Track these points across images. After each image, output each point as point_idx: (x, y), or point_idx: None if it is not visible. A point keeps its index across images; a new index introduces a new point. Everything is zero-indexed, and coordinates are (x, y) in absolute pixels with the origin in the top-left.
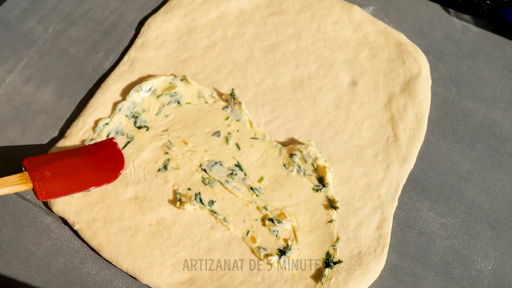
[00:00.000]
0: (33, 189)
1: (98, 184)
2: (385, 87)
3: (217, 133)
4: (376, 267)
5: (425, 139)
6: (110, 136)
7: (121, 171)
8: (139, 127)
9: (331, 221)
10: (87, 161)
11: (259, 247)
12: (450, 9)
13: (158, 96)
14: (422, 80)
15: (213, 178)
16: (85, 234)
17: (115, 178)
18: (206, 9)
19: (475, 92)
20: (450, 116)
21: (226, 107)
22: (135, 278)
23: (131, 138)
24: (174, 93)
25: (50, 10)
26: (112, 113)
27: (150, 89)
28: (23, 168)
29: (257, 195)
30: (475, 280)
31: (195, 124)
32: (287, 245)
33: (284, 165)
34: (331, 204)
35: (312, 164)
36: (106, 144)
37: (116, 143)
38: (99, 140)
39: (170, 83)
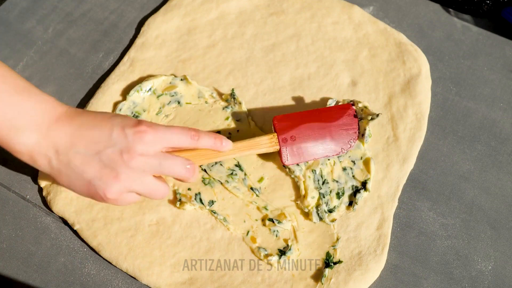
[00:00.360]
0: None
1: (333, 153)
2: (385, 87)
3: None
4: (376, 267)
5: (425, 139)
6: None
7: (353, 143)
8: None
9: (331, 221)
10: (328, 127)
11: (259, 247)
12: (450, 9)
13: (158, 96)
14: (422, 80)
15: (213, 178)
16: (85, 234)
17: (347, 149)
18: (206, 9)
19: (475, 92)
20: (450, 116)
21: (226, 107)
22: (135, 278)
23: None
24: (174, 93)
25: (50, 10)
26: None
27: (150, 89)
28: (273, 127)
29: (257, 195)
30: (475, 280)
31: (195, 124)
32: (287, 245)
33: (284, 166)
34: None
35: None
36: (346, 110)
37: (354, 110)
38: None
39: (170, 83)
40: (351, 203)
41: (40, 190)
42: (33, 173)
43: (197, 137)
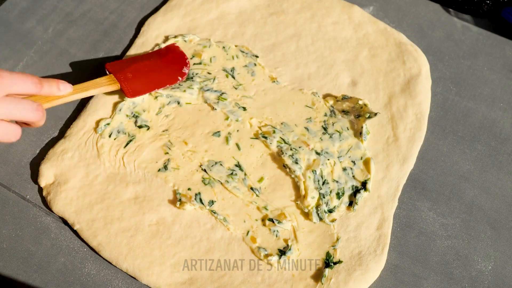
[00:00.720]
0: (120, 90)
1: (171, 82)
2: (385, 87)
3: (217, 133)
4: (376, 267)
5: (425, 139)
6: (112, 136)
7: (187, 70)
8: (140, 127)
9: (331, 221)
10: (159, 62)
11: (259, 247)
12: (450, 9)
13: (156, 97)
14: (422, 80)
15: (213, 178)
16: (85, 234)
17: (183, 76)
18: (206, 9)
19: (475, 92)
20: (450, 116)
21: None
22: (135, 278)
23: (132, 136)
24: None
25: (50, 10)
26: (112, 113)
27: None
28: (107, 72)
29: (257, 195)
30: (475, 280)
31: (195, 124)
32: (287, 245)
33: (284, 166)
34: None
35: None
36: (170, 48)
37: (178, 47)
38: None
39: None
40: (351, 203)
41: (40, 190)
42: (33, 173)
43: (40, 85)
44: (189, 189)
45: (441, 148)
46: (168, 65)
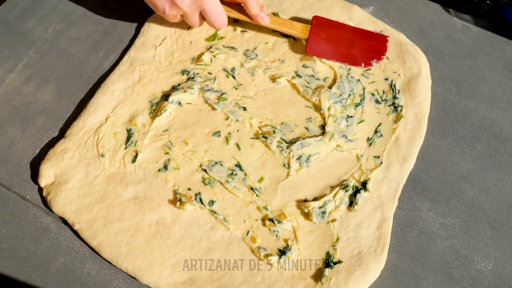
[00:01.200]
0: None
1: (354, 63)
2: None
3: (217, 133)
4: (376, 267)
5: (425, 139)
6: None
7: (375, 63)
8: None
9: (331, 221)
10: (357, 40)
11: (259, 247)
12: (450, 9)
13: (151, 106)
14: (422, 80)
15: (213, 178)
16: (85, 234)
17: (367, 65)
18: None
19: (475, 92)
20: (450, 116)
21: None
22: (135, 278)
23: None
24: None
25: (50, 10)
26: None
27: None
28: (310, 22)
29: (257, 195)
30: (475, 280)
31: (195, 124)
32: (287, 245)
33: (284, 165)
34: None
35: None
36: (379, 36)
37: (387, 41)
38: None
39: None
40: (351, 203)
41: (40, 190)
42: (33, 173)
43: None
44: (189, 189)
45: (441, 148)
46: (363, 48)
